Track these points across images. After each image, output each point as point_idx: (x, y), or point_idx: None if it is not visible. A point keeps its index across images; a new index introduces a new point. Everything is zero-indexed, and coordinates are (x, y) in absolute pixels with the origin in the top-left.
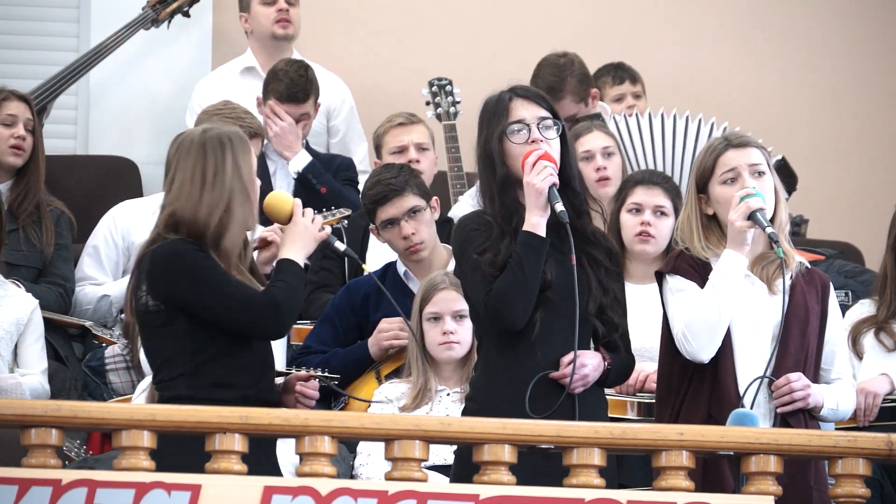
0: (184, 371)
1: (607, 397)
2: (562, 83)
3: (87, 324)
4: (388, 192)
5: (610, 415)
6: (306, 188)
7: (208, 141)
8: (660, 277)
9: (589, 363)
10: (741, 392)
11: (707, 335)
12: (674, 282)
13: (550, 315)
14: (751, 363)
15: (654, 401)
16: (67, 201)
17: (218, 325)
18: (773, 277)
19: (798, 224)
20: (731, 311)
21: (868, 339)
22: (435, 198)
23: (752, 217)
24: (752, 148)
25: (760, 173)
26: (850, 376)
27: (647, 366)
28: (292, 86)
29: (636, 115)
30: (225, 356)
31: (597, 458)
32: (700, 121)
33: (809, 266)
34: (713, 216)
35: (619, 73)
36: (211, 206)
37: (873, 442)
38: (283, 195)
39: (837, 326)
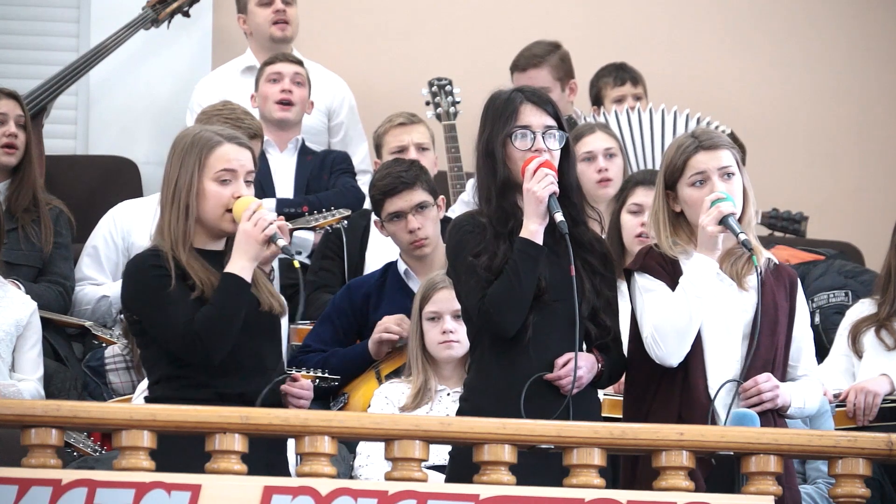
0: (162, 375)
1: (606, 397)
2: (546, 54)
3: (87, 324)
4: (398, 184)
5: (609, 415)
6: (292, 217)
7: (177, 144)
8: (628, 274)
9: (583, 364)
10: (711, 393)
11: (676, 340)
12: (643, 280)
13: (544, 317)
14: (721, 362)
15: None
16: (67, 201)
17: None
18: (743, 273)
19: (798, 221)
20: (700, 316)
21: (868, 338)
22: (442, 197)
23: (723, 222)
24: (722, 150)
25: (730, 175)
26: (815, 372)
27: None
28: (285, 53)
29: (638, 111)
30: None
31: (597, 458)
32: (675, 113)
33: (777, 262)
34: (681, 213)
35: (621, 74)
36: (174, 211)
37: (873, 442)
38: (244, 201)
39: (805, 323)
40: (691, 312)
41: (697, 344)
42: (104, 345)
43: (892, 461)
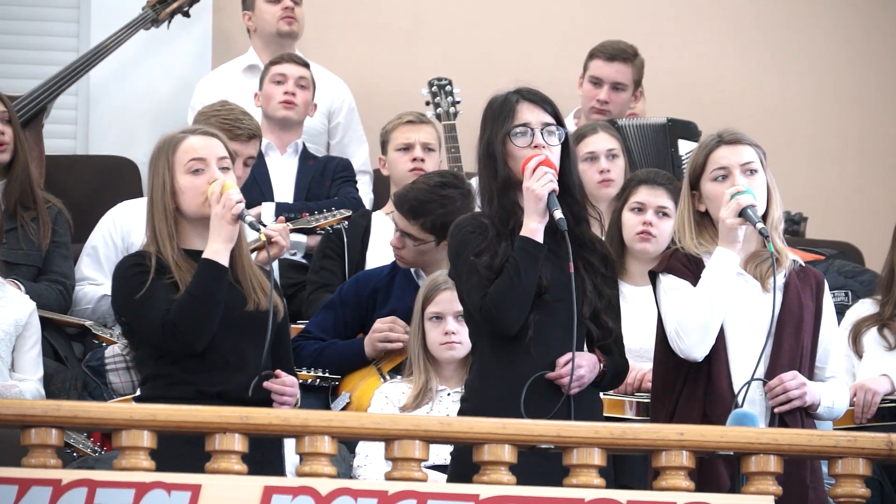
0: (150, 374)
1: (605, 397)
2: (635, 54)
3: (88, 323)
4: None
5: (608, 414)
6: (293, 221)
7: (154, 150)
8: (653, 277)
9: (585, 364)
10: (735, 391)
11: (699, 333)
12: (667, 281)
13: (545, 317)
14: (745, 361)
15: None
16: (67, 201)
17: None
18: (767, 275)
19: (797, 222)
20: (723, 308)
21: (869, 337)
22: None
23: (742, 214)
24: (744, 146)
25: (752, 171)
26: (843, 374)
27: (645, 366)
28: (291, 55)
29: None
30: (186, 358)
31: (597, 458)
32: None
33: (804, 264)
34: (706, 213)
35: None
36: (156, 215)
37: (873, 442)
38: (214, 185)
39: (832, 325)
40: (713, 305)
41: (721, 342)
42: (104, 345)
43: (892, 461)
